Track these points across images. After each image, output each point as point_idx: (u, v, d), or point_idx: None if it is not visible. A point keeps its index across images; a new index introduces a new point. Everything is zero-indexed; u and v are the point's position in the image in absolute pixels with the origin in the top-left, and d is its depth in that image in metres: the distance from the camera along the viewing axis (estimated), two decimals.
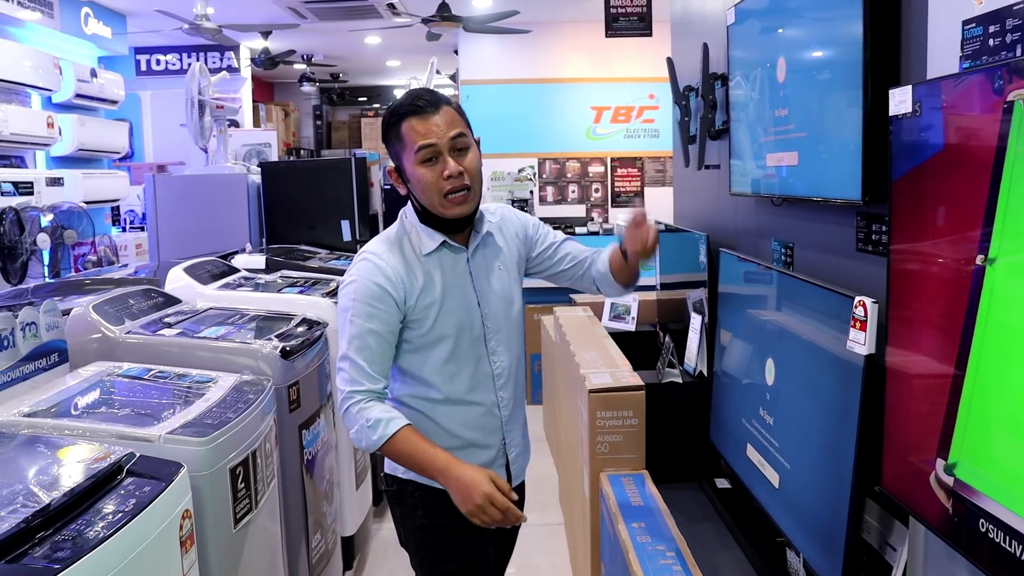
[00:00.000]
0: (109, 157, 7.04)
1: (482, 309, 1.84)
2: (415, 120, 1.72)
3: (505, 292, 1.90)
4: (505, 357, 1.88)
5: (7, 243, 4.80)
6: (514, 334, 1.92)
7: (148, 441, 1.75)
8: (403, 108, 1.74)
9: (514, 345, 1.92)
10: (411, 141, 1.73)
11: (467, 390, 1.84)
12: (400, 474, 1.86)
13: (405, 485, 1.86)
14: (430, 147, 1.71)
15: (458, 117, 1.77)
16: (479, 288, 1.85)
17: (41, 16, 5.86)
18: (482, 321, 1.84)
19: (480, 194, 1.81)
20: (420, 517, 1.85)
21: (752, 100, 2.80)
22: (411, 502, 1.86)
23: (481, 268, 1.87)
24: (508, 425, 1.91)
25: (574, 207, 8.54)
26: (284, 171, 4.95)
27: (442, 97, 1.78)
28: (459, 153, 1.74)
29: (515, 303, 1.93)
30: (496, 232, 1.92)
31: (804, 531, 2.12)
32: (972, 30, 1.56)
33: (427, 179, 1.73)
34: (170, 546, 1.56)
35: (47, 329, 2.19)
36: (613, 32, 5.67)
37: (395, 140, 1.77)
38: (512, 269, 1.93)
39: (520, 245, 1.97)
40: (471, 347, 1.83)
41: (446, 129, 1.72)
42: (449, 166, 1.71)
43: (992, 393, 1.36)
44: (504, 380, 1.89)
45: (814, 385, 2.10)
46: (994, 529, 1.35)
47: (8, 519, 1.27)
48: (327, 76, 12.67)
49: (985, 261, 1.35)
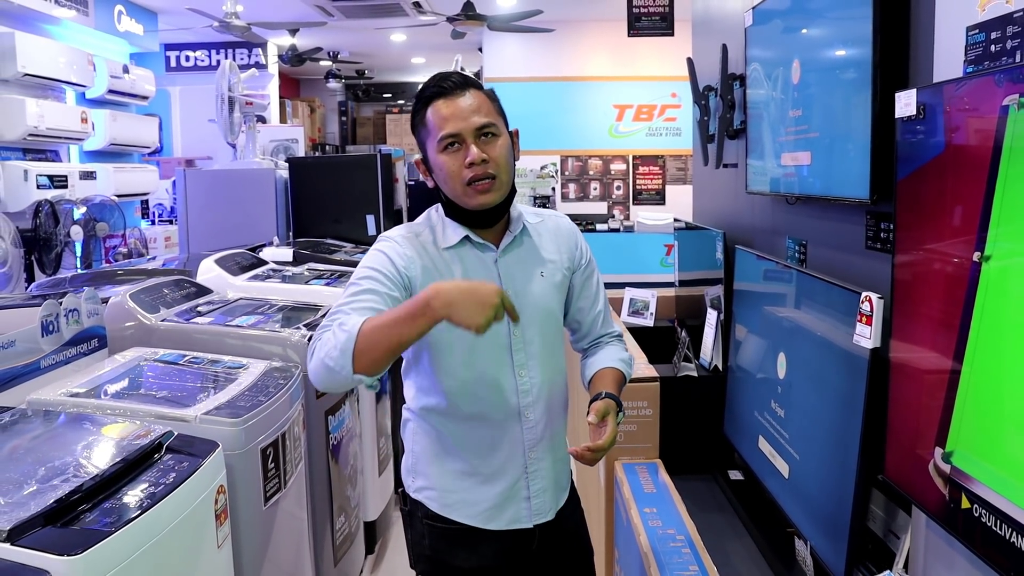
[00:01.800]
0: (139, 151, 7.19)
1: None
2: (440, 102, 1.59)
3: (545, 302, 1.68)
4: (537, 373, 1.66)
5: (42, 235, 4.95)
6: (552, 348, 1.70)
7: (185, 421, 1.85)
8: (429, 90, 1.61)
9: (552, 360, 1.70)
10: (435, 126, 1.59)
11: (487, 406, 1.64)
12: (412, 492, 1.71)
13: (416, 508, 1.70)
14: (453, 135, 1.57)
15: (488, 103, 1.62)
16: (508, 292, 1.59)
17: (76, 14, 6.00)
18: (509, 328, 1.62)
19: (509, 186, 1.63)
20: (427, 548, 1.69)
21: (768, 101, 2.87)
22: (420, 529, 1.70)
23: (515, 270, 1.67)
24: (535, 451, 1.67)
25: (596, 204, 8.62)
26: (311, 166, 5.06)
27: (472, 80, 1.63)
28: (485, 140, 1.58)
29: (555, 313, 1.72)
30: (538, 236, 1.72)
31: (811, 520, 2.18)
32: (975, 36, 1.62)
33: (449, 167, 1.58)
34: (206, 518, 1.66)
35: (88, 316, 2.30)
36: (635, 32, 5.73)
37: (420, 126, 1.63)
38: (558, 278, 1.72)
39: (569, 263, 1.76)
40: (492, 355, 1.63)
41: (472, 114, 1.57)
42: (472, 152, 1.56)
43: (987, 384, 1.42)
44: (533, 399, 1.66)
45: (823, 378, 2.16)
46: (987, 514, 1.41)
47: (62, 487, 1.37)
48: (352, 72, 12.82)
49: (981, 258, 1.41)
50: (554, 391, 1.70)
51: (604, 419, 1.55)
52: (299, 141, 6.92)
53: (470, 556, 1.65)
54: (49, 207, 4.97)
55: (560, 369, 1.73)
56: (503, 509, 1.66)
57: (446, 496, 1.66)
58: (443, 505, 1.66)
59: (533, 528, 1.68)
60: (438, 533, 1.66)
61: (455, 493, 1.66)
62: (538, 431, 1.67)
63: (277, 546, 2.10)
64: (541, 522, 1.69)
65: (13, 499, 1.33)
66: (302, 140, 6.96)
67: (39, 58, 5.38)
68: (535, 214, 1.75)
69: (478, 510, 1.65)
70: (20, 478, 1.42)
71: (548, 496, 1.70)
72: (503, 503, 1.65)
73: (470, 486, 1.65)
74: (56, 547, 1.25)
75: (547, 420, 1.68)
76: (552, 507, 1.71)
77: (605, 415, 1.56)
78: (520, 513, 1.67)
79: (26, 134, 5.22)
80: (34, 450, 1.58)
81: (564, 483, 1.78)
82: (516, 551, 1.68)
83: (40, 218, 4.90)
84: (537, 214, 1.76)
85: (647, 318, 4.21)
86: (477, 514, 1.65)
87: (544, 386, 1.67)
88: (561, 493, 1.76)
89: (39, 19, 5.71)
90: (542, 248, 1.71)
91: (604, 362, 1.74)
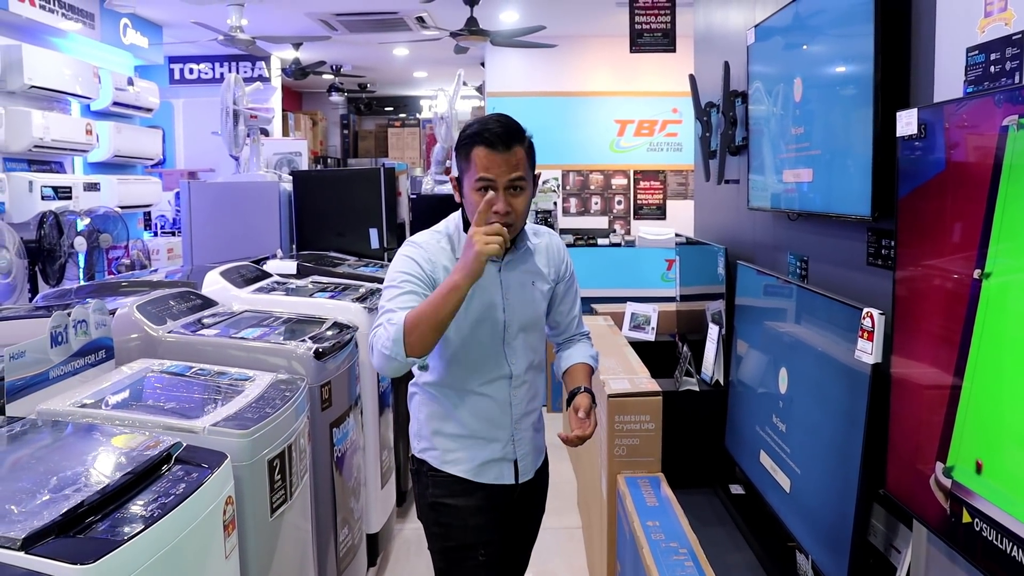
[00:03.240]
0: (143, 163, 7.22)
1: (506, 315, 1.98)
2: (484, 151, 1.86)
3: (534, 307, 2.04)
4: (523, 361, 2.02)
5: (47, 246, 4.96)
6: (534, 344, 2.06)
7: (193, 432, 1.87)
8: (478, 137, 1.87)
9: (533, 354, 2.05)
10: (475, 168, 1.87)
11: (482, 383, 1.99)
12: (418, 454, 2.06)
13: (422, 465, 2.04)
14: (489, 181, 1.86)
15: (524, 159, 1.91)
16: (507, 297, 1.98)
17: (82, 27, 6.05)
18: (504, 325, 1.98)
19: (519, 229, 1.96)
20: (431, 495, 2.03)
21: (770, 117, 2.90)
22: (425, 481, 2.04)
23: (514, 279, 2.00)
24: (519, 424, 2.04)
25: (597, 219, 8.64)
26: (315, 179, 5.08)
27: (516, 135, 1.91)
28: (513, 192, 1.88)
29: (540, 318, 2.07)
30: (537, 253, 2.06)
31: (813, 534, 2.20)
32: (975, 57, 1.65)
33: (479, 204, 1.84)
34: (215, 529, 1.67)
35: (96, 327, 2.31)
36: (638, 48, 5.77)
37: (462, 158, 1.91)
38: (545, 288, 2.06)
39: (556, 275, 2.10)
40: (491, 346, 1.98)
41: (508, 171, 1.86)
42: (499, 204, 1.85)
43: (987, 400, 1.44)
44: (520, 382, 2.02)
45: (824, 393, 2.18)
46: (988, 529, 1.43)
47: (74, 496, 1.39)
48: (355, 86, 12.87)
49: (982, 275, 1.43)
50: (535, 378, 2.08)
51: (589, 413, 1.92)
52: (303, 154, 6.95)
53: (465, 500, 2.00)
54: (53, 218, 4.99)
55: (540, 360, 2.09)
56: (492, 467, 2.01)
57: (446, 455, 2.01)
58: (443, 461, 2.02)
59: (515, 484, 2.04)
60: (438, 482, 2.02)
61: (452, 452, 2.01)
62: (522, 407, 2.04)
63: (282, 557, 2.11)
64: (523, 480, 2.06)
65: (26, 508, 1.35)
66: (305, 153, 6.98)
67: (45, 70, 5.41)
68: (535, 234, 2.09)
69: (471, 466, 2.00)
70: (32, 487, 1.43)
71: (530, 460, 2.08)
72: (492, 463, 2.01)
73: (465, 446, 2.00)
74: (70, 556, 1.26)
75: (529, 398, 2.05)
76: (532, 468, 2.10)
77: (589, 410, 1.92)
78: (504, 471, 2.03)
79: (32, 145, 5.25)
80: (45, 460, 1.60)
81: (541, 448, 2.15)
82: (501, 498, 2.03)
83: (44, 229, 4.92)
84: (536, 233, 2.09)
85: (648, 333, 4.24)
86: (469, 469, 2.00)
87: (528, 372, 2.04)
88: (539, 456, 2.14)
89: (46, 32, 5.75)
90: (537, 263, 2.05)
91: (577, 357, 2.12)
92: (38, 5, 5.43)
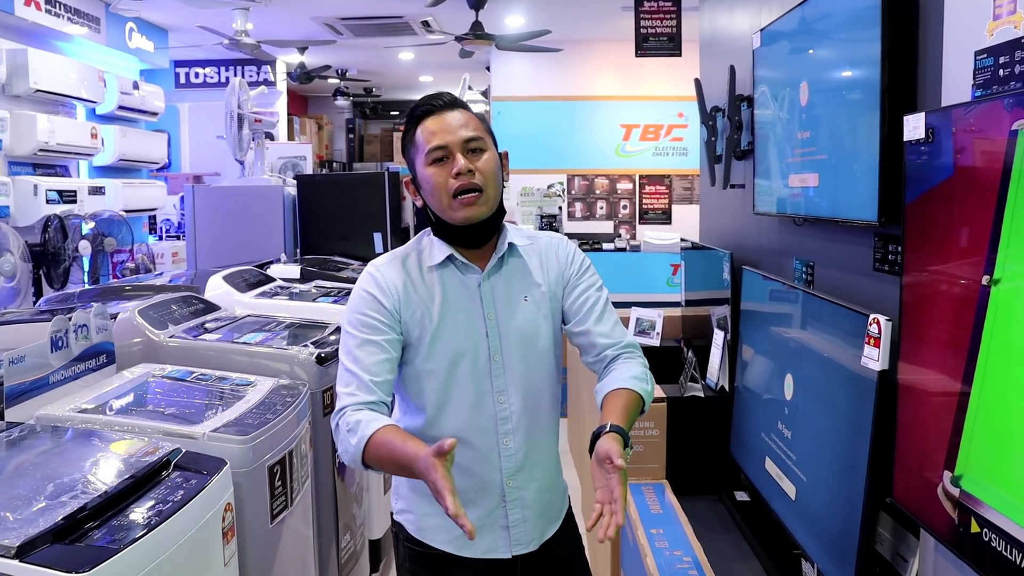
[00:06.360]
0: (148, 167, 7.24)
1: (490, 340, 1.61)
2: (429, 120, 1.58)
3: (528, 327, 1.64)
4: (516, 400, 1.62)
5: (51, 249, 4.98)
6: (535, 375, 1.65)
7: (193, 438, 1.86)
8: (418, 110, 1.61)
9: (534, 388, 1.65)
10: (423, 141, 1.58)
11: (461, 428, 1.59)
12: (395, 515, 1.73)
13: (399, 531, 1.70)
14: (441, 148, 1.56)
15: (476, 121, 1.61)
16: (491, 316, 1.62)
17: (88, 31, 6.06)
18: (488, 354, 1.61)
19: (496, 202, 1.61)
20: (407, 571, 1.70)
21: (776, 122, 2.88)
22: (402, 552, 1.70)
23: (499, 294, 1.64)
24: (513, 480, 1.63)
25: (602, 223, 8.63)
26: (319, 184, 5.09)
27: (461, 101, 1.64)
28: (473, 154, 1.58)
29: (540, 340, 1.66)
30: (527, 258, 1.68)
31: (819, 542, 2.17)
32: (983, 60, 1.63)
33: (436, 179, 1.56)
34: (213, 536, 1.65)
35: (97, 331, 2.31)
36: (643, 52, 5.76)
37: (410, 145, 1.62)
38: (544, 304, 1.67)
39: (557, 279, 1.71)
40: (472, 380, 1.60)
41: (459, 128, 1.57)
42: (458, 163, 1.54)
43: (996, 408, 1.42)
44: (512, 426, 1.62)
45: (830, 400, 2.16)
46: (996, 538, 1.41)
47: (71, 503, 1.38)
48: (360, 90, 12.89)
49: (990, 281, 1.41)
50: (537, 419, 1.65)
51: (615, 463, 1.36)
52: (307, 158, 6.96)
53: None
54: (58, 222, 5.00)
55: (547, 396, 1.68)
56: (479, 537, 1.58)
57: (423, 520, 1.65)
58: (419, 528, 1.65)
59: (513, 558, 1.64)
60: (417, 557, 1.65)
61: (431, 517, 1.63)
62: (518, 459, 1.62)
63: (283, 564, 2.10)
64: (521, 553, 1.64)
65: (22, 515, 1.34)
66: (310, 157, 7.00)
67: (51, 74, 5.43)
68: (526, 237, 1.71)
69: (452, 536, 1.61)
70: (28, 494, 1.42)
71: (530, 526, 1.65)
72: (478, 530, 1.48)
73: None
74: (65, 564, 1.25)
75: (528, 448, 1.64)
76: (536, 538, 1.66)
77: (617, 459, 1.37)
78: (498, 542, 1.63)
79: (37, 149, 5.27)
80: (42, 466, 1.59)
81: (555, 513, 1.72)
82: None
83: (49, 233, 4.93)
84: (528, 237, 1.72)
85: (653, 338, 4.21)
86: (451, 540, 1.62)
87: (525, 414, 1.63)
88: (549, 524, 1.70)
89: (52, 36, 5.77)
90: (530, 271, 1.67)
91: (614, 383, 1.63)
92: (44, 9, 5.44)
